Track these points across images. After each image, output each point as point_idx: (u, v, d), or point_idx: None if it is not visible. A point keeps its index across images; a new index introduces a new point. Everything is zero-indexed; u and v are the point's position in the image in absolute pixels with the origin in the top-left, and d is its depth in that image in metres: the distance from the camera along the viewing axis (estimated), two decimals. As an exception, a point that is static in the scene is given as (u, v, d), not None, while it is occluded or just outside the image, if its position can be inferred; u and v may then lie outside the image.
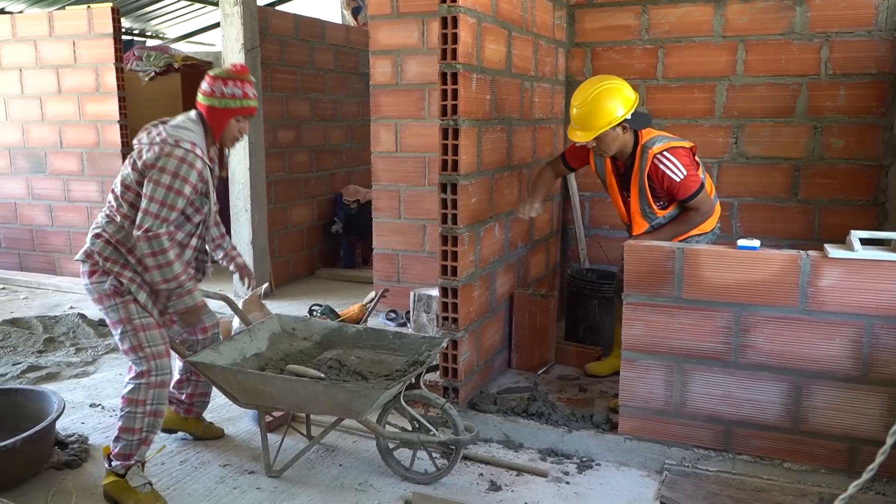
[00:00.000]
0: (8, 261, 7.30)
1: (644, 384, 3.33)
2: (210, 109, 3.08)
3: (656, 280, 3.22)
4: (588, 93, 3.46)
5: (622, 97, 3.46)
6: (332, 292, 6.48)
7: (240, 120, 3.14)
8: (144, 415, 3.01)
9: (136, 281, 3.00)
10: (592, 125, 3.45)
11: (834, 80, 4.49)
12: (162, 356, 3.03)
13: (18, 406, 3.54)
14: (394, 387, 2.96)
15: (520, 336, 4.34)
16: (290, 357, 3.44)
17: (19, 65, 6.82)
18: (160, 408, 3.05)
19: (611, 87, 3.47)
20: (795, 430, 3.13)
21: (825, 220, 4.62)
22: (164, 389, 3.06)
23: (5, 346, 4.98)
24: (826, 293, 2.97)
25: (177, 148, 2.93)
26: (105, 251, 3.01)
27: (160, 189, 2.89)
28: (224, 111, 3.07)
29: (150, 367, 3.00)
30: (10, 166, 7.09)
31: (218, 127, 3.11)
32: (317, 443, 3.40)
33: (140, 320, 3.01)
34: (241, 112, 3.10)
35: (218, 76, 3.07)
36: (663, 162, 3.48)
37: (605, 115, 3.43)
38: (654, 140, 3.55)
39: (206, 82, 3.09)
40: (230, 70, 3.09)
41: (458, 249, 3.56)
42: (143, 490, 3.00)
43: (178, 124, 3.05)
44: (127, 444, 3.01)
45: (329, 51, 7.42)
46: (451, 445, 3.13)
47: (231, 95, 3.05)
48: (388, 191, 5.61)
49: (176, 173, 2.90)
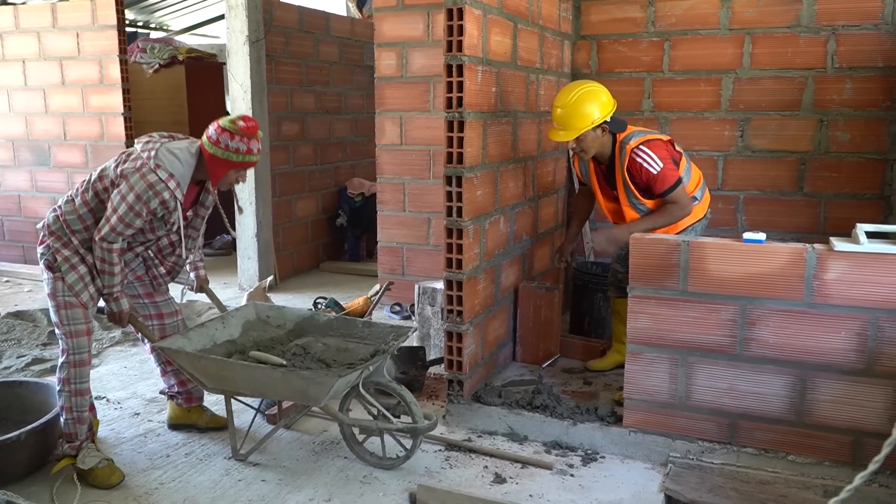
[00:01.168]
0: (12, 253, 7.31)
1: (649, 377, 3.33)
2: (212, 158, 3.13)
3: (661, 273, 3.22)
4: (570, 95, 3.61)
5: (602, 101, 3.63)
6: (336, 285, 6.48)
7: (238, 171, 3.21)
8: (70, 394, 3.14)
9: (71, 261, 3.10)
10: (574, 125, 3.60)
11: (840, 73, 4.47)
12: (80, 335, 3.12)
13: (23, 399, 3.56)
14: (349, 375, 3.00)
15: (524, 329, 4.34)
16: (260, 344, 3.50)
17: (23, 56, 6.82)
18: (82, 387, 3.16)
19: (592, 90, 3.63)
20: (800, 422, 3.12)
21: (831, 213, 4.61)
22: (83, 369, 3.15)
23: (10, 338, 4.99)
24: (832, 286, 2.97)
25: (152, 173, 3.01)
26: (54, 225, 3.14)
27: (124, 205, 3.00)
28: (225, 163, 3.13)
29: (68, 345, 3.12)
30: (13, 158, 7.09)
31: (216, 175, 3.18)
32: (280, 427, 3.49)
33: (63, 298, 3.10)
34: (241, 166, 3.17)
35: (226, 129, 3.09)
36: (640, 155, 3.62)
37: (586, 116, 3.59)
38: (630, 135, 3.69)
39: (214, 130, 3.11)
40: (240, 126, 3.10)
41: (464, 242, 3.56)
42: (99, 466, 3.13)
43: (172, 150, 3.11)
44: (66, 423, 3.17)
45: (334, 43, 7.41)
46: (408, 433, 3.18)
47: (235, 150, 3.10)
48: (392, 184, 5.61)
49: (140, 196, 2.99)
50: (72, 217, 3.13)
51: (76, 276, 3.09)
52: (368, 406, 3.29)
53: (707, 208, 3.91)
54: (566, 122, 3.61)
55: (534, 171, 4.47)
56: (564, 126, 3.62)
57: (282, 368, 3.10)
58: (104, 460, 3.16)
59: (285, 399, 3.43)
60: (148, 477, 3.22)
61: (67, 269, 3.08)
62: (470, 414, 3.65)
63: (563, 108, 3.61)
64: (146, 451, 3.46)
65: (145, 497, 3.06)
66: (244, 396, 3.41)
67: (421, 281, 4.80)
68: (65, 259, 3.09)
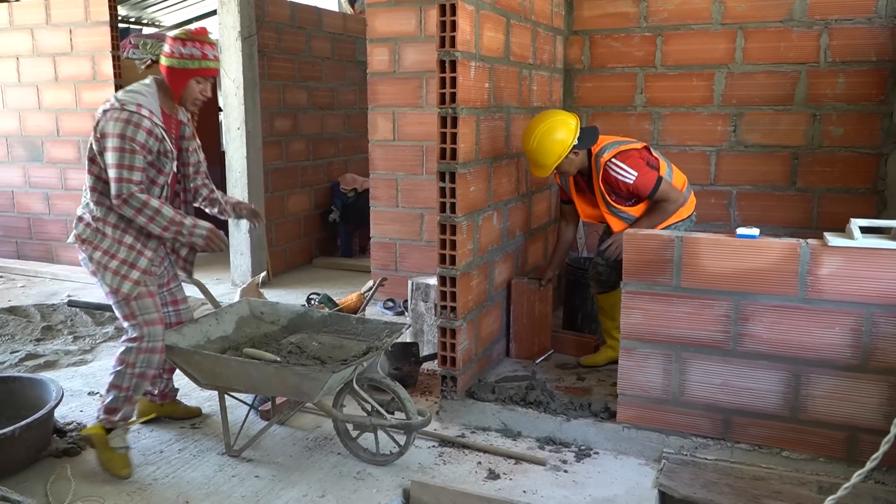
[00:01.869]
0: (5, 249, 7.28)
1: (642, 373, 3.33)
2: (169, 70, 3.09)
3: (655, 268, 3.22)
4: (533, 136, 3.74)
5: (565, 128, 3.73)
6: (329, 281, 6.47)
7: (200, 81, 3.13)
8: (132, 375, 3.14)
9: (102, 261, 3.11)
10: (547, 162, 3.76)
11: (833, 67, 4.47)
12: (154, 324, 3.13)
13: (17, 394, 3.54)
14: (343, 371, 3.00)
15: (518, 325, 4.34)
16: (255, 340, 3.50)
17: (16, 53, 6.78)
18: (148, 371, 3.17)
19: (551, 123, 3.74)
20: (794, 418, 3.13)
21: (824, 208, 4.62)
22: (154, 355, 3.15)
23: (3, 334, 4.97)
24: (825, 281, 2.97)
25: (121, 111, 2.97)
26: (84, 233, 3.16)
27: (114, 154, 2.97)
28: (182, 71, 3.07)
29: (142, 333, 3.11)
30: (6, 154, 7.06)
31: (177, 87, 3.12)
32: (274, 423, 3.49)
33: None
34: (199, 73, 3.10)
35: (177, 37, 3.07)
36: (613, 168, 3.74)
37: (555, 149, 3.72)
38: (604, 148, 3.81)
39: (167, 43, 3.09)
40: (189, 31, 3.09)
41: (457, 238, 3.55)
42: (118, 451, 3.15)
43: (128, 89, 3.11)
44: (115, 399, 3.16)
45: (326, 38, 7.38)
46: (402, 429, 3.19)
47: (189, 56, 3.05)
48: (385, 179, 5.60)
49: (123, 135, 2.96)
50: (96, 209, 3.14)
51: (111, 275, 3.10)
52: (362, 402, 3.28)
53: (692, 210, 3.98)
54: (540, 160, 3.76)
55: (527, 167, 4.47)
56: (540, 164, 3.79)
57: (276, 364, 3.09)
58: (126, 448, 3.20)
59: (279, 395, 3.43)
60: (141, 472, 3.21)
61: (103, 271, 3.10)
62: (463, 410, 3.65)
63: (531, 151, 3.76)
64: (140, 447, 3.44)
65: (139, 493, 3.05)
66: (238, 392, 3.41)
67: (414, 277, 4.80)
68: (98, 261, 3.11)
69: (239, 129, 6.13)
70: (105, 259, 3.11)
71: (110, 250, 3.11)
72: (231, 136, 6.19)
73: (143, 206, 3.00)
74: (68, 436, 3.46)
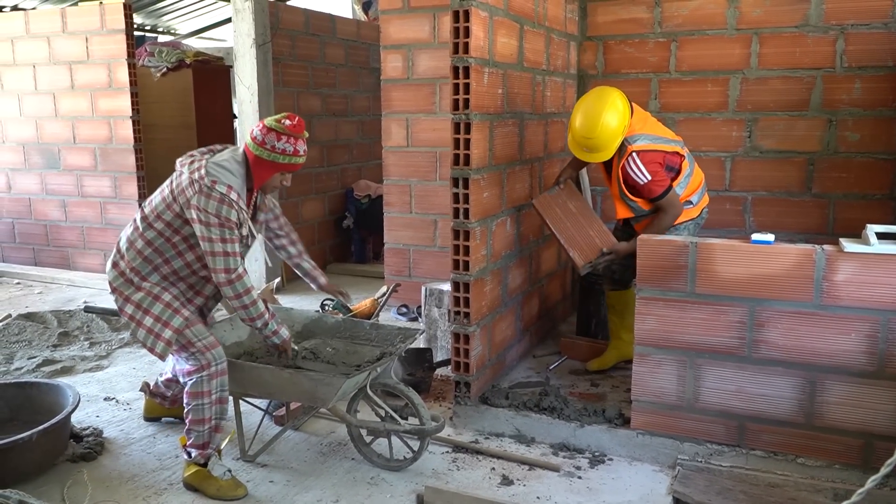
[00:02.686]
0: (22, 256, 7.35)
1: (656, 379, 3.32)
2: (257, 160, 3.04)
3: (669, 274, 3.21)
4: (594, 121, 3.59)
5: (619, 110, 3.61)
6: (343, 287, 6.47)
7: (284, 173, 3.12)
8: (211, 404, 3.07)
9: (150, 297, 3.06)
10: (610, 146, 3.64)
11: (849, 72, 4.45)
12: (214, 346, 3.08)
13: (34, 399, 3.57)
14: (356, 376, 3.01)
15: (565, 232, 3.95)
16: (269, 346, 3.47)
17: (33, 61, 6.86)
18: (224, 395, 3.11)
19: (609, 104, 3.60)
20: (809, 425, 3.11)
21: (840, 214, 4.59)
22: (226, 377, 3.10)
23: (21, 340, 5.02)
24: (841, 288, 2.95)
25: (213, 190, 2.90)
26: (116, 281, 3.12)
27: (213, 229, 2.91)
28: (271, 165, 3.04)
29: (208, 358, 3.04)
30: (24, 162, 7.13)
31: (260, 178, 3.10)
32: (288, 428, 3.50)
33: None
34: (287, 168, 3.08)
35: (273, 128, 3.00)
36: (630, 164, 3.66)
37: (616, 133, 3.62)
38: (635, 137, 3.69)
39: (259, 131, 3.02)
40: (286, 126, 3.01)
41: (470, 244, 3.56)
42: (224, 477, 3.08)
43: (220, 163, 3.00)
44: (199, 435, 3.09)
45: (340, 45, 7.42)
46: (416, 434, 3.19)
47: (282, 151, 3.00)
48: (399, 185, 5.61)
49: (219, 214, 2.91)
50: (138, 263, 3.08)
51: (143, 332, 3.04)
52: (376, 407, 3.29)
53: (702, 209, 3.94)
54: (602, 146, 3.64)
55: (540, 173, 4.47)
56: (600, 149, 3.66)
57: (288, 370, 3.10)
58: (229, 471, 3.11)
59: (293, 400, 3.44)
60: (157, 477, 3.23)
61: (136, 328, 3.04)
62: (477, 416, 3.65)
63: (594, 138, 3.62)
64: (155, 452, 3.47)
65: (154, 497, 3.07)
66: (252, 397, 3.42)
67: (428, 283, 4.80)
68: (130, 315, 3.06)
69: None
70: (138, 314, 3.05)
71: (142, 304, 3.05)
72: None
73: (245, 293, 2.97)
74: (85, 441, 3.48)
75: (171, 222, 3.05)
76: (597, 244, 3.89)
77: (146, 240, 3.08)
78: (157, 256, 3.09)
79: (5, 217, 7.36)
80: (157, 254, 3.09)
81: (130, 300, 3.08)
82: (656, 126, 3.87)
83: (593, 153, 3.69)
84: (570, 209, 4.00)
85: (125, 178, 6.63)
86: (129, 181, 6.61)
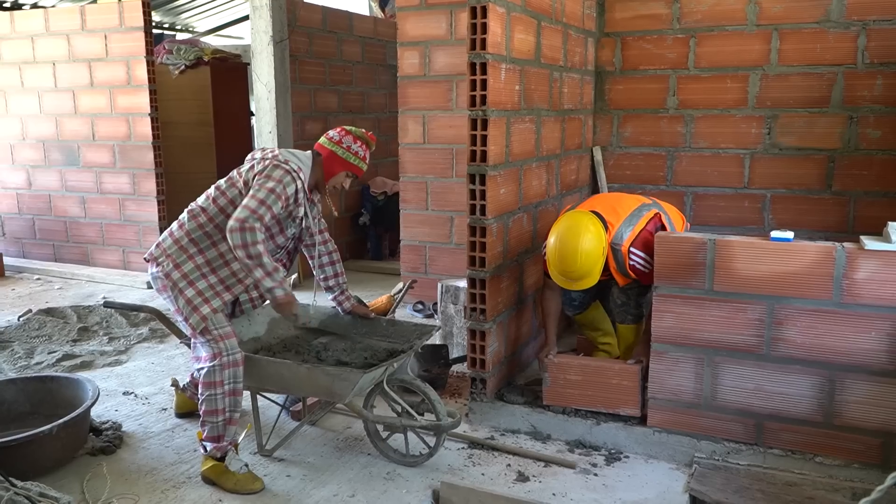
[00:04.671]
0: (43, 252, 7.43)
1: (674, 377, 3.31)
2: (332, 155, 3.33)
3: (687, 272, 3.19)
4: (572, 257, 3.37)
5: (593, 232, 3.41)
6: (359, 283, 6.50)
7: (348, 175, 3.38)
8: (224, 395, 3.08)
9: (189, 278, 3.13)
10: (593, 272, 3.43)
11: (871, 69, 4.40)
12: (229, 336, 3.11)
13: (54, 393, 3.61)
14: (373, 372, 3.01)
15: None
16: (286, 342, 3.53)
17: (53, 59, 6.93)
18: (237, 386, 3.12)
19: (580, 231, 3.40)
20: (828, 424, 3.08)
21: (860, 212, 4.54)
22: (238, 368, 3.11)
23: (41, 335, 5.08)
24: (862, 286, 2.92)
25: (285, 165, 3.17)
26: (171, 249, 3.19)
27: (262, 190, 3.07)
28: (343, 162, 3.34)
29: (221, 347, 3.07)
30: (44, 159, 7.21)
31: (330, 172, 3.35)
32: (305, 423, 3.54)
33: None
34: (354, 169, 3.36)
35: (351, 132, 3.36)
36: (635, 262, 3.50)
37: (597, 259, 3.41)
38: (619, 234, 3.51)
39: (337, 132, 3.36)
40: (364, 133, 3.39)
41: (487, 240, 3.56)
42: (241, 471, 3.10)
43: (292, 151, 3.33)
44: (213, 427, 3.11)
45: (357, 42, 7.44)
46: (432, 430, 3.19)
47: (355, 153, 3.34)
48: (415, 182, 5.62)
49: (280, 181, 3.11)
50: (198, 234, 3.19)
51: (194, 292, 3.11)
52: (392, 403, 3.30)
53: None
54: (584, 275, 3.43)
55: (557, 170, 4.46)
56: (584, 276, 3.44)
57: (306, 365, 3.12)
58: (246, 465, 3.14)
59: (310, 395, 3.46)
60: (175, 471, 3.26)
61: (186, 286, 3.11)
62: (493, 412, 3.65)
63: (574, 270, 3.41)
64: (174, 446, 3.50)
65: (173, 490, 3.10)
66: (269, 392, 3.44)
67: (444, 279, 4.81)
68: (174, 283, 3.12)
69: (270, 133, 6.19)
70: (182, 282, 3.12)
71: (190, 275, 3.13)
72: (263, 139, 6.26)
73: (253, 243, 2.98)
74: (104, 434, 3.52)
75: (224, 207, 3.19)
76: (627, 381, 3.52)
77: (203, 221, 3.22)
78: (208, 239, 3.20)
79: (26, 213, 7.44)
80: (212, 236, 3.20)
81: (180, 267, 3.14)
82: (620, 202, 3.72)
83: (577, 282, 3.46)
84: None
85: (143, 175, 6.68)
86: (148, 178, 6.66)
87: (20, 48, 7.06)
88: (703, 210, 4.84)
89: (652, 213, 3.67)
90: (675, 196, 4.85)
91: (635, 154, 4.99)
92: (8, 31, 7.07)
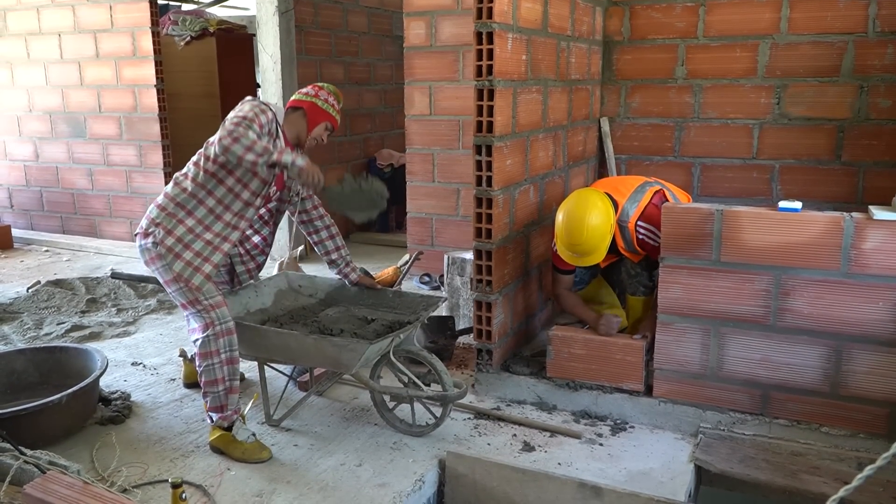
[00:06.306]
0: (51, 224, 7.46)
1: (680, 347, 3.31)
2: (312, 106, 3.39)
3: (694, 242, 3.18)
4: (580, 228, 3.43)
5: (601, 209, 3.46)
6: (366, 256, 6.51)
7: (327, 128, 3.44)
8: (221, 364, 3.08)
9: (175, 249, 3.05)
10: (600, 248, 3.49)
11: (882, 37, 4.33)
12: (220, 305, 3.09)
13: (64, 363, 3.64)
14: (380, 342, 3.02)
15: None
16: (293, 313, 3.55)
17: (58, 29, 6.89)
18: (234, 354, 3.11)
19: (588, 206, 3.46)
20: (834, 394, 3.09)
21: (870, 182, 4.50)
22: (233, 336, 3.10)
23: (50, 306, 5.11)
24: (870, 256, 2.91)
25: (259, 103, 3.20)
26: (159, 217, 3.11)
27: (236, 117, 3.05)
28: (323, 112, 3.40)
29: (213, 317, 3.06)
30: (51, 131, 7.20)
31: (313, 123, 3.39)
32: (312, 394, 3.56)
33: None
34: (331, 120, 3.43)
35: (324, 87, 3.46)
36: (643, 236, 3.55)
37: (605, 234, 3.47)
38: (625, 211, 3.58)
39: (312, 88, 3.45)
40: (336, 89, 3.50)
41: (493, 212, 3.54)
42: (248, 441, 3.13)
43: (265, 100, 3.37)
44: (215, 396, 3.11)
45: (362, 13, 7.37)
46: (439, 401, 3.21)
47: (331, 105, 3.43)
48: (421, 154, 5.59)
49: (251, 109, 3.11)
50: (183, 197, 3.13)
51: (192, 254, 3.07)
52: (399, 374, 3.32)
53: None
54: (591, 250, 3.49)
55: (564, 141, 4.43)
56: (590, 252, 3.49)
57: (313, 336, 3.13)
58: (253, 434, 3.17)
59: (317, 366, 3.48)
60: (184, 440, 3.29)
61: (172, 259, 3.05)
62: (499, 383, 3.67)
63: (582, 244, 3.46)
64: (182, 416, 3.53)
65: (181, 459, 3.13)
66: (277, 363, 3.46)
67: (450, 251, 4.80)
68: (169, 249, 3.05)
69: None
70: (178, 247, 3.06)
71: (184, 239, 3.08)
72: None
73: (253, 143, 2.92)
74: (113, 404, 3.55)
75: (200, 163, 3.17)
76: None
77: (193, 179, 3.16)
78: (195, 198, 3.14)
79: (33, 186, 7.46)
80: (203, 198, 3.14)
81: (172, 233, 3.08)
82: (623, 182, 3.79)
83: (584, 258, 3.52)
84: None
85: (150, 147, 6.67)
86: (154, 150, 6.66)
87: (26, 19, 7.03)
88: (711, 181, 4.81)
89: (656, 188, 3.70)
90: (682, 167, 4.82)
91: (643, 125, 4.95)
92: (14, 3, 7.04)
